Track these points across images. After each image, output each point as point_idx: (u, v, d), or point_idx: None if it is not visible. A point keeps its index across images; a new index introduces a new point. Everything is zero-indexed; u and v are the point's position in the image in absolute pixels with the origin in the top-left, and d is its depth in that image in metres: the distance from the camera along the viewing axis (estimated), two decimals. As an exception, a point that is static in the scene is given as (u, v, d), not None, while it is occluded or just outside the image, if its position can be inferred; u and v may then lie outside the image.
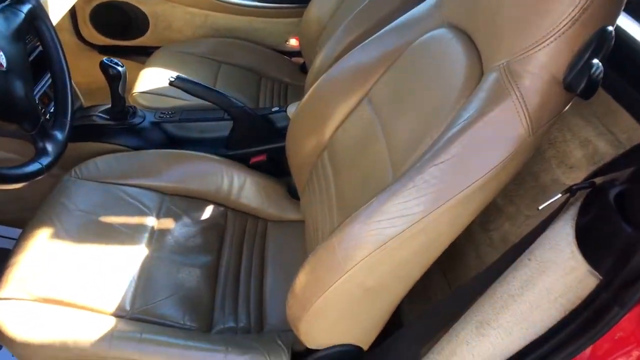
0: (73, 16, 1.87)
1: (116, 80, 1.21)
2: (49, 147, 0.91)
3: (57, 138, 0.94)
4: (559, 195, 0.68)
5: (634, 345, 0.61)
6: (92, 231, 1.05)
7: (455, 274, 1.03)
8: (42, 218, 1.06)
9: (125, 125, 1.28)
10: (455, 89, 0.74)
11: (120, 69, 1.20)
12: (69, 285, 0.95)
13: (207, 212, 1.19)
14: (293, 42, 1.93)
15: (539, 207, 0.70)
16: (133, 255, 1.03)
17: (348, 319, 0.80)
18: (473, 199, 0.66)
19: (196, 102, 1.46)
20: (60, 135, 0.95)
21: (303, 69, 1.87)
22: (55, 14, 1.18)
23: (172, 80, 1.19)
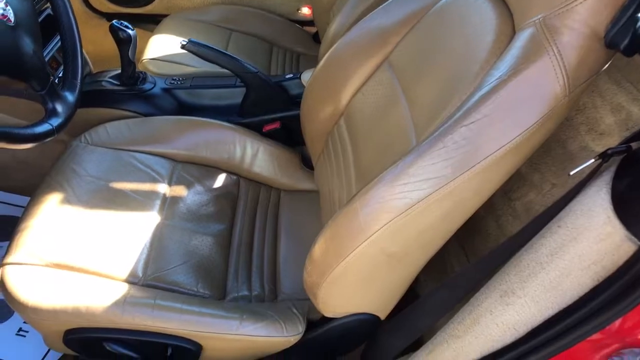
0: (81, -17, 1.83)
1: (126, 44, 1.17)
2: (59, 108, 0.88)
3: (68, 99, 0.91)
4: (592, 161, 0.65)
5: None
6: (103, 197, 1.03)
7: (473, 244, 1.01)
8: (51, 183, 1.04)
9: (135, 91, 1.25)
10: (484, 49, 0.70)
11: (130, 32, 1.16)
12: (80, 251, 0.93)
13: (219, 180, 1.17)
14: (305, 10, 1.88)
15: (570, 173, 0.67)
16: (145, 222, 1.01)
17: (367, 286, 0.78)
18: (504, 163, 0.63)
19: (207, 69, 1.43)
20: (70, 96, 0.92)
21: (316, 38, 1.83)
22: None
23: (185, 43, 1.15)
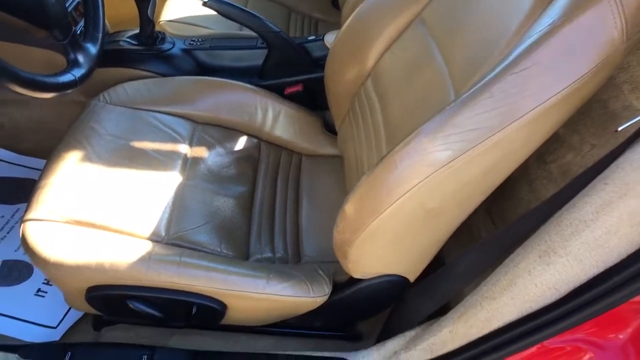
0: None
1: (145, 1, 1.14)
2: (81, 59, 0.85)
3: (90, 51, 0.88)
4: None
5: None
6: (123, 156, 1.00)
7: (502, 209, 0.98)
8: (70, 142, 1.01)
9: (153, 51, 1.21)
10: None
11: (150, -12, 1.13)
12: (101, 208, 0.91)
13: (240, 142, 1.14)
14: (324, -25, 1.83)
15: (618, 129, 0.65)
16: (166, 181, 0.99)
17: (400, 245, 0.76)
18: (553, 114, 0.60)
19: (225, 32, 1.40)
20: (92, 48, 0.89)
21: (335, 4, 1.78)
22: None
23: (207, 0, 1.12)
